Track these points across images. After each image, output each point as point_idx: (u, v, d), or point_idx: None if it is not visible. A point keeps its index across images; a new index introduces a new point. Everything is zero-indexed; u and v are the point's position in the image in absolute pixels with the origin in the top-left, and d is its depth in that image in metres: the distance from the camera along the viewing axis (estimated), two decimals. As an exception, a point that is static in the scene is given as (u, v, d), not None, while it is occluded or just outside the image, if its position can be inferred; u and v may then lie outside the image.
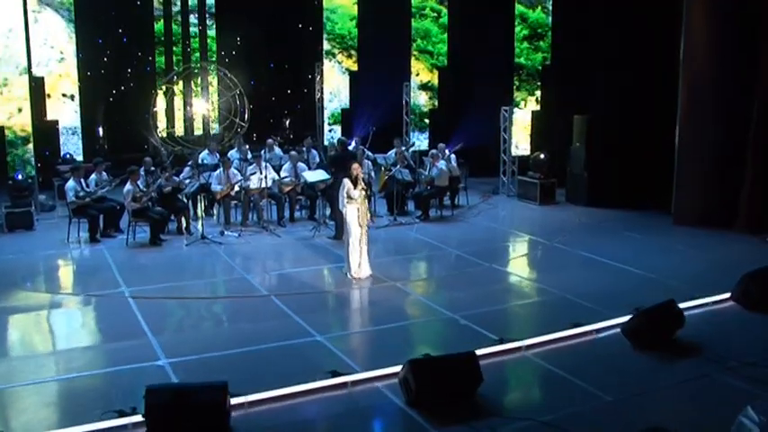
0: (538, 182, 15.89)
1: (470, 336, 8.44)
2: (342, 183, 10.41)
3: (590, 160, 15.45)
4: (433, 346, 8.04)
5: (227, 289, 10.21)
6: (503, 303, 9.67)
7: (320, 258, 11.63)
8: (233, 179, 13.48)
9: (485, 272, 10.98)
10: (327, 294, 10.03)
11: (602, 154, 15.19)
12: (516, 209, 15.78)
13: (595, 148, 15.34)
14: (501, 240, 13.31)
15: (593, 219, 14.42)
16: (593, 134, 15.38)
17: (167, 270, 11.12)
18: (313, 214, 14.14)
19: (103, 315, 9.28)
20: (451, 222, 14.39)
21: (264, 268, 11.25)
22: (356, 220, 10.34)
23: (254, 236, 12.96)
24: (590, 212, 14.91)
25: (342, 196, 10.37)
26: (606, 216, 14.53)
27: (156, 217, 12.39)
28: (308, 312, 9.17)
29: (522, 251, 12.36)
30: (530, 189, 16.12)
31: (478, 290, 10.12)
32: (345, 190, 10.28)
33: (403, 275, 10.79)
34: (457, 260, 11.64)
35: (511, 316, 9.28)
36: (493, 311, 9.31)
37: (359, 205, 10.34)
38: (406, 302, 9.67)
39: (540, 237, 13.00)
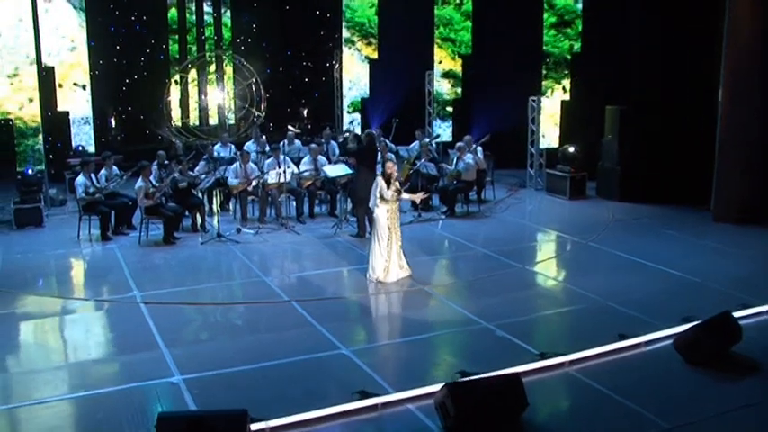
0: (568, 176, 15.17)
1: (508, 349, 7.78)
2: (375, 181, 9.75)
3: (623, 153, 14.71)
4: (469, 360, 7.40)
5: (245, 293, 9.58)
6: (540, 311, 8.98)
7: (342, 259, 11.01)
8: (251, 174, 12.84)
9: (517, 274, 10.32)
10: (351, 300, 9.40)
11: (637, 146, 14.46)
12: (545, 204, 15.11)
13: (629, 140, 14.60)
14: (531, 238, 12.65)
15: (627, 215, 13.70)
16: (627, 125, 14.61)
17: (181, 271, 10.54)
18: (333, 210, 13.51)
19: (114, 323, 8.68)
20: (478, 218, 13.71)
21: (283, 270, 10.63)
22: (385, 222, 9.69)
23: (272, 233, 12.34)
24: (623, 208, 14.19)
25: (374, 196, 9.69)
26: (640, 212, 13.81)
27: (170, 214, 11.77)
28: (332, 321, 8.54)
29: (555, 251, 11.66)
30: (559, 183, 15.41)
31: (512, 295, 9.47)
32: (378, 189, 9.58)
33: (431, 278, 10.16)
34: (487, 261, 10.97)
35: (550, 326, 8.59)
36: (530, 321, 8.65)
37: (390, 206, 9.65)
38: (436, 310, 9.02)
39: (572, 234, 12.31)
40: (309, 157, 13.60)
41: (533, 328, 8.45)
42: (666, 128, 13.93)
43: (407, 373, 7.27)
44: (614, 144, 14.86)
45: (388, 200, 9.67)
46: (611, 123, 14.97)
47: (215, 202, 13.94)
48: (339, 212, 13.08)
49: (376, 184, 9.75)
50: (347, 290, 9.75)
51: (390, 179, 9.72)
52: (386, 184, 9.67)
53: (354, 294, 9.52)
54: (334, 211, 13.50)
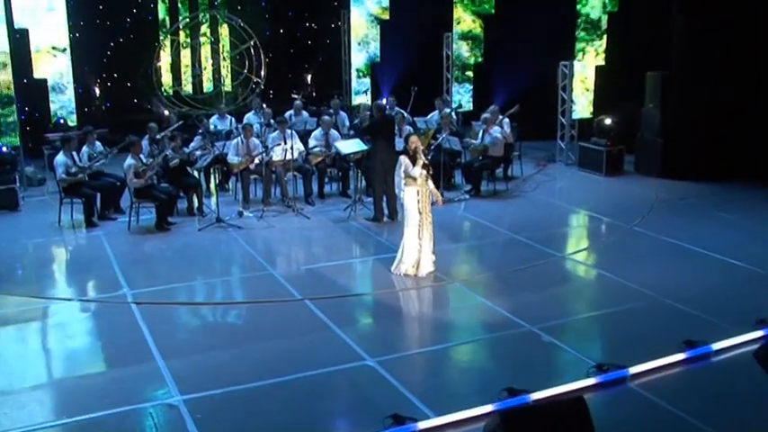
0: (604, 149, 14.36)
1: (558, 359, 7.10)
2: (397, 161, 8.97)
3: (666, 124, 13.88)
4: (515, 373, 6.71)
5: (251, 290, 8.84)
6: (588, 310, 8.27)
7: (359, 247, 10.34)
8: (253, 150, 12.03)
9: (557, 265, 9.62)
10: (374, 298, 8.66)
11: (681, 117, 13.65)
12: (578, 181, 14.36)
13: (672, 109, 13.77)
14: (567, 222, 11.95)
15: (672, 194, 12.94)
16: (670, 93, 13.78)
17: (177, 263, 9.82)
18: (346, 189, 12.81)
19: (101, 329, 7.95)
20: (506, 198, 12.96)
21: (293, 261, 9.94)
22: (416, 206, 8.96)
23: (278, 217, 11.62)
24: (666, 186, 13.45)
25: (399, 176, 8.98)
26: (687, 191, 13.08)
27: (163, 196, 10.99)
28: (353, 324, 7.85)
29: (597, 237, 10.89)
30: (594, 157, 14.61)
31: (555, 291, 8.78)
32: (403, 168, 8.85)
33: (462, 270, 9.46)
34: (520, 249, 10.25)
35: (603, 330, 7.86)
36: (578, 323, 7.96)
37: (419, 187, 8.89)
38: (470, 309, 8.30)
39: (613, 217, 11.57)
40: (321, 131, 12.78)
41: (583, 331, 7.74)
42: (716, 95, 13.09)
43: (446, 389, 6.56)
44: (656, 114, 14.05)
45: (416, 179, 8.83)
46: (652, 91, 14.12)
47: (212, 182, 13.20)
48: (352, 192, 12.35)
49: (399, 163, 8.97)
50: (368, 285, 9.05)
51: (416, 156, 8.87)
52: (411, 162, 8.83)
53: (377, 291, 8.80)
54: (346, 190, 12.81)
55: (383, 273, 9.25)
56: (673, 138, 13.80)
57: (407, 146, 8.93)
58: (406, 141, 9.00)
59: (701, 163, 13.54)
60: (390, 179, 10.88)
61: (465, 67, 17.41)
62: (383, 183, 11.01)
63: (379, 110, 11.22)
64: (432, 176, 9.20)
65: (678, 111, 13.70)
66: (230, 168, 12.25)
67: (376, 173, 11.00)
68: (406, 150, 8.98)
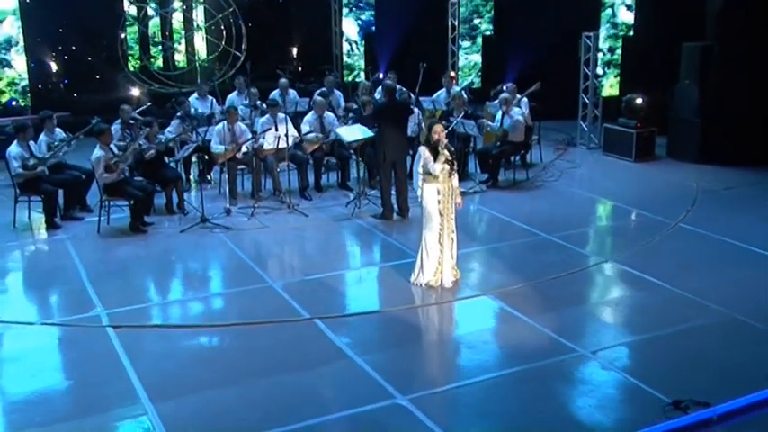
0: (633, 132, 13.69)
1: (625, 393, 6.34)
2: (417, 153, 8.24)
3: (705, 102, 13.26)
4: (577, 413, 5.97)
5: (250, 308, 8.01)
6: (647, 330, 7.48)
7: (369, 251, 9.65)
8: (240, 136, 11.17)
9: (601, 272, 8.95)
10: (394, 315, 7.86)
11: (723, 94, 13.05)
12: (606, 167, 13.73)
13: (712, 86, 13.18)
14: (602, 218, 11.30)
15: (715, 182, 12.32)
16: (710, 68, 13.18)
17: (159, 274, 9.03)
18: (345, 181, 12.09)
19: (71, 362, 7.08)
20: (527, 189, 12.27)
21: (294, 269, 9.17)
22: (436, 207, 8.21)
23: (272, 215, 10.85)
24: (706, 173, 12.85)
25: (416, 172, 8.24)
26: (731, 178, 12.49)
27: (139, 193, 10.09)
28: (375, 350, 7.09)
29: (640, 236, 10.11)
30: (621, 141, 13.97)
31: (604, 305, 8.11)
32: (422, 162, 8.08)
33: (491, 279, 8.70)
34: (554, 251, 9.55)
35: (669, 355, 7.07)
36: (639, 346, 7.19)
37: (440, 184, 8.13)
38: (511, 329, 7.54)
39: (653, 212, 10.89)
40: (314, 114, 11.93)
41: (647, 358, 6.99)
42: (763, 69, 12.58)
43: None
44: (693, 91, 13.39)
45: (436, 176, 8.04)
46: (688, 65, 13.47)
47: (192, 173, 12.32)
48: (354, 184, 11.71)
49: (418, 156, 8.16)
50: (386, 300, 8.26)
51: (438, 148, 8.07)
52: (431, 156, 8.04)
53: (397, 307, 8.00)
54: (346, 182, 12.08)
55: (401, 284, 8.50)
56: (713, 118, 13.19)
57: (430, 136, 8.10)
58: (429, 130, 8.17)
59: (744, 146, 12.98)
60: (401, 171, 10.30)
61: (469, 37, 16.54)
62: (391, 176, 10.32)
63: (389, 92, 10.45)
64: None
65: (719, 87, 13.07)
66: (214, 158, 11.35)
67: (384, 165, 10.26)
68: (427, 141, 8.13)
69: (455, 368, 6.98)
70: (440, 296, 8.21)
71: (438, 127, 8.22)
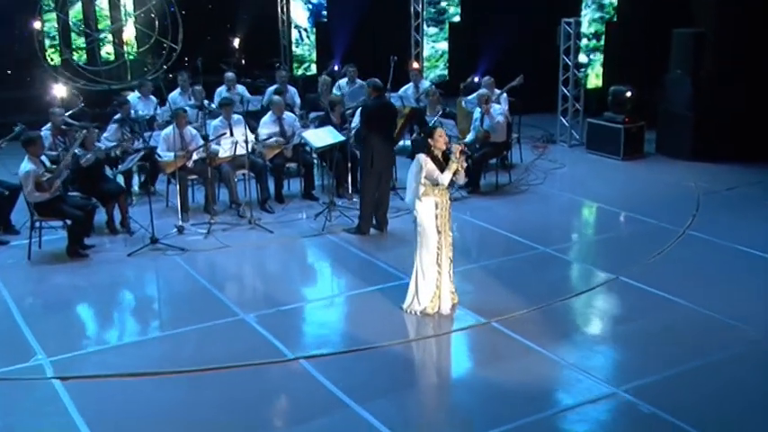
0: (621, 127, 13.42)
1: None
2: (416, 161, 7.67)
3: (698, 95, 13.07)
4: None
5: (222, 348, 7.31)
6: (684, 362, 6.99)
7: (350, 273, 8.99)
8: (191, 142, 10.50)
9: (613, 292, 8.51)
10: (392, 352, 7.27)
11: (717, 85, 12.89)
12: (593, 167, 13.42)
13: (706, 76, 13.02)
14: (603, 227, 10.94)
15: (716, 182, 12.11)
16: (704, 56, 13.01)
17: (107, 309, 8.28)
18: (310, 189, 11.48)
19: (13, 425, 6.26)
20: (512, 194, 11.89)
21: (267, 298, 8.47)
22: (434, 223, 7.71)
23: (231, 232, 10.21)
24: (703, 171, 12.67)
25: (414, 184, 7.68)
26: (731, 178, 12.30)
27: (77, 212, 9.31)
28: (378, 396, 6.46)
29: (648, 247, 9.64)
30: (607, 137, 13.67)
31: (627, 331, 7.64)
32: (424, 173, 7.56)
33: (494, 303, 8.13)
34: (558, 267, 9.20)
35: (714, 393, 6.58)
36: (677, 381, 6.67)
37: (439, 198, 7.65)
38: (525, 366, 7.02)
39: (656, 218, 10.58)
40: (272, 116, 11.32)
41: (688, 395, 6.48)
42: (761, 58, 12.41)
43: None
44: (686, 81, 13.19)
45: (441, 188, 7.66)
46: (680, 53, 13.25)
47: (134, 184, 11.56)
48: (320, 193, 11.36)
49: (417, 164, 7.65)
50: (379, 332, 7.59)
51: (438, 157, 7.65)
52: (435, 164, 7.57)
53: (392, 341, 7.41)
54: (310, 191, 11.47)
55: (393, 312, 7.94)
56: (707, 111, 13.00)
57: (431, 142, 7.58)
58: (430, 136, 7.61)
59: (742, 142, 12.80)
60: (386, 181, 9.97)
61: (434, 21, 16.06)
62: (376, 187, 9.82)
63: (376, 90, 9.87)
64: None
65: (714, 78, 12.93)
66: (161, 168, 10.60)
67: (368, 173, 9.75)
68: (427, 148, 7.57)
69: (474, 415, 6.39)
70: (439, 326, 7.70)
71: (440, 131, 7.75)
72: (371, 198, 9.87)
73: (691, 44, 13.02)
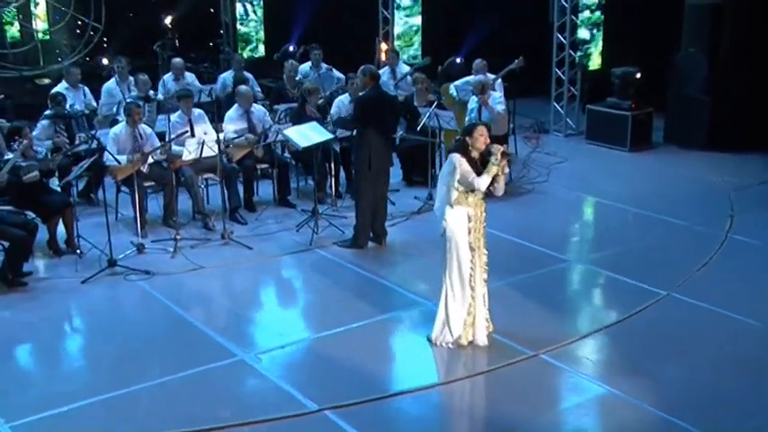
0: (629, 114, 13.26)
1: None
2: (450, 161, 7.16)
3: (715, 76, 12.98)
4: None
5: (228, 399, 6.64)
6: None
7: (356, 297, 8.42)
8: (146, 143, 9.88)
9: (670, 312, 8.10)
10: (432, 398, 6.77)
11: (736, 65, 12.84)
12: (598, 160, 13.27)
13: (724, 54, 12.97)
14: (631, 232, 10.49)
15: (744, 176, 12.01)
16: (721, 32, 12.91)
17: (69, 354, 7.59)
18: (285, 194, 11.03)
19: None
20: (516, 195, 11.58)
21: (266, 332, 7.88)
22: (466, 237, 7.23)
23: (201, 249, 9.59)
24: (724, 163, 12.62)
25: (446, 186, 7.15)
26: (760, 169, 12.31)
27: (17, 232, 8.51)
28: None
29: (690, 256, 9.32)
30: (610, 125, 13.57)
31: (707, 362, 7.20)
32: (458, 176, 7.06)
33: (532, 330, 7.69)
34: (594, 282, 8.97)
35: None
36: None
37: (473, 208, 7.21)
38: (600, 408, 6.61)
39: (689, 220, 10.40)
40: (238, 109, 10.85)
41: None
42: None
43: None
44: (701, 61, 13.13)
45: (476, 197, 7.21)
46: (694, 28, 13.22)
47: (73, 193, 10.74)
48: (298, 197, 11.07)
49: (451, 165, 7.13)
50: (410, 372, 7.12)
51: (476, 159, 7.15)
52: (470, 167, 7.09)
53: (429, 382, 6.91)
54: (286, 196, 11.00)
55: (419, 344, 7.45)
56: (725, 94, 12.96)
57: (469, 141, 7.09)
58: (469, 134, 7.10)
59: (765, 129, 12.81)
60: (383, 185, 9.55)
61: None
62: (374, 191, 9.37)
63: (373, 79, 9.38)
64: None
65: (733, 56, 12.86)
66: (113, 174, 9.88)
67: (365, 176, 9.32)
68: (464, 147, 7.10)
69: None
70: (480, 360, 7.22)
71: (481, 128, 7.18)
72: (369, 205, 9.43)
73: (706, 18, 12.94)
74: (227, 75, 13.17)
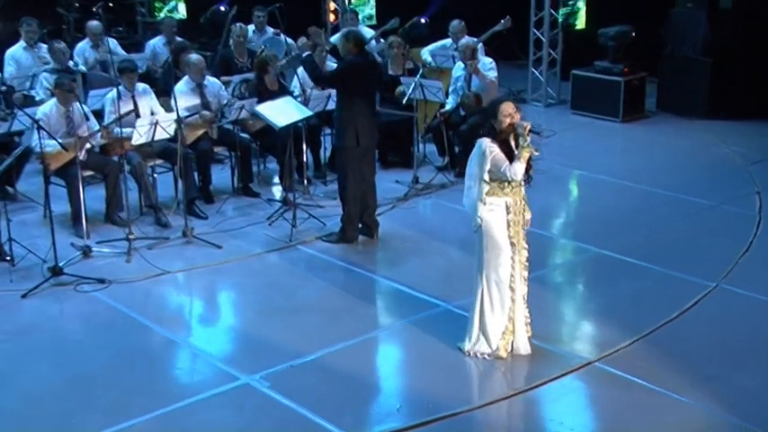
0: (621, 80, 13.26)
1: None
2: (478, 149, 6.75)
3: (716, 33, 13.07)
4: None
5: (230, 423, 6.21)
6: None
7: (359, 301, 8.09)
8: (81, 125, 9.34)
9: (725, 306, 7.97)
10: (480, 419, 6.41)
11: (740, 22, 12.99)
12: (590, 133, 13.32)
13: (726, 10, 13.10)
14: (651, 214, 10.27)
15: (757, 147, 12.13)
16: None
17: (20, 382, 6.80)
18: (248, 182, 10.67)
19: None
20: (509, 176, 11.14)
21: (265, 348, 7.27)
22: (505, 232, 6.88)
23: (160, 250, 9.12)
24: (729, 131, 12.86)
25: (476, 180, 6.79)
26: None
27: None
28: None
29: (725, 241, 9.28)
30: (599, 93, 13.60)
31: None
32: (488, 165, 6.70)
33: (577, 334, 7.62)
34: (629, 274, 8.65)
35: None
36: None
37: (512, 197, 6.87)
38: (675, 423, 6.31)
39: (710, 198, 10.45)
40: (189, 83, 10.37)
41: None
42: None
43: None
44: (699, 18, 13.24)
45: (514, 183, 6.82)
46: (691, -21, 13.24)
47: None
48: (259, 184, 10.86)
49: (480, 155, 6.73)
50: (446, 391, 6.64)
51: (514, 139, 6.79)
52: (500, 150, 6.70)
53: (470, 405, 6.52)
54: (248, 183, 10.65)
55: (450, 356, 7.07)
56: (728, 55, 12.97)
57: (494, 123, 6.71)
58: (494, 113, 6.70)
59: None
60: (369, 167, 9.29)
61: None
62: (360, 174, 9.11)
63: (357, 44, 9.03)
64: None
65: (736, 11, 13.01)
66: (46, 162, 9.22)
67: (351, 156, 8.99)
68: (492, 129, 6.73)
69: None
70: (525, 372, 6.92)
71: (509, 106, 6.75)
72: (357, 190, 9.12)
73: (706, -33, 12.98)
74: (156, 41, 12.67)
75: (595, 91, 13.44)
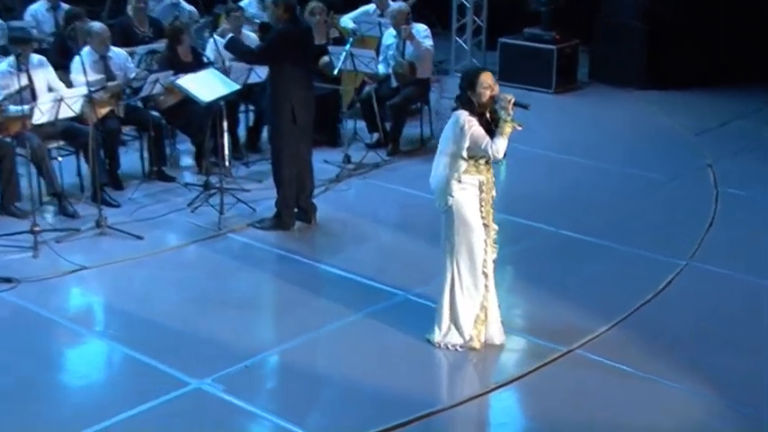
0: (554, 48, 13.43)
1: None
2: (455, 122, 6.72)
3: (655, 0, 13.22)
4: None
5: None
6: None
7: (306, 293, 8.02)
8: None
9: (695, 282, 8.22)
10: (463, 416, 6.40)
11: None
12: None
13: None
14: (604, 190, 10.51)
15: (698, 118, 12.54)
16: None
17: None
18: (161, 165, 10.42)
19: None
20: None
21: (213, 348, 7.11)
22: (477, 212, 6.88)
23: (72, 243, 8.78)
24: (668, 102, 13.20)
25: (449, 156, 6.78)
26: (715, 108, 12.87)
27: None
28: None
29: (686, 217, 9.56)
30: (530, 62, 13.73)
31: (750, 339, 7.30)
32: (467, 142, 6.67)
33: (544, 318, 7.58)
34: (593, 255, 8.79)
35: None
36: None
37: (484, 175, 6.89)
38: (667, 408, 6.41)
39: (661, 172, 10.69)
40: (91, 53, 9.99)
41: None
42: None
43: None
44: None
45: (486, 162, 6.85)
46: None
47: None
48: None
49: (457, 130, 6.69)
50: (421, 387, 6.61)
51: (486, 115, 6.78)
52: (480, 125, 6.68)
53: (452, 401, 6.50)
54: (161, 165, 10.44)
55: (418, 350, 7.02)
56: (665, 20, 13.20)
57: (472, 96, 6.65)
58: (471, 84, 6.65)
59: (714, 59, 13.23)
60: (306, 145, 9.18)
61: None
62: (296, 152, 8.98)
63: (287, 9, 8.85)
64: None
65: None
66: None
67: (287, 132, 8.83)
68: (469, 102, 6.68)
69: None
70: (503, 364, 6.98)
71: (488, 77, 6.73)
72: (293, 172, 8.98)
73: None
74: (37, 7, 12.07)
75: (525, 60, 13.55)
